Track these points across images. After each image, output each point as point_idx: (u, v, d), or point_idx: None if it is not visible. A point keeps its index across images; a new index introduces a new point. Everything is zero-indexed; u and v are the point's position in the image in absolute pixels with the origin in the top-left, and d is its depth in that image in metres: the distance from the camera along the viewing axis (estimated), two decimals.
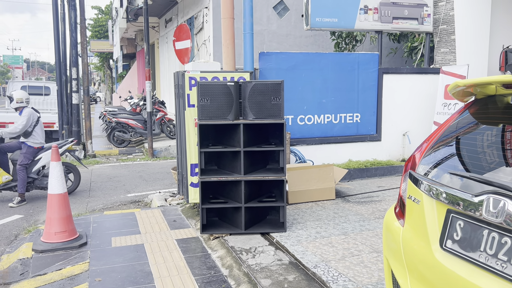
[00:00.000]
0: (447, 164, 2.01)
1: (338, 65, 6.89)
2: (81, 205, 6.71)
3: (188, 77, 5.37)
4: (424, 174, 2.08)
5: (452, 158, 2.02)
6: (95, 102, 37.59)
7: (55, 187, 4.59)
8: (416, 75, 7.58)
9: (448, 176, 1.93)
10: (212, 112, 4.51)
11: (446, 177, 1.94)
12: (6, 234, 5.43)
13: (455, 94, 2.19)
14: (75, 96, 10.60)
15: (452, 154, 2.04)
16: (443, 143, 2.12)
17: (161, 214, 5.65)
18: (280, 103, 4.54)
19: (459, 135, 2.10)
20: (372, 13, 7.24)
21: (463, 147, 2.03)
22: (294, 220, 4.99)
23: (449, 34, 7.65)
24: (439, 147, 2.13)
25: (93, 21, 33.74)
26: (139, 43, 24.52)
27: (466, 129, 2.08)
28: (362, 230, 4.63)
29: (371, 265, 3.74)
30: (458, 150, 2.03)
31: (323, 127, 6.94)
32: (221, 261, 4.12)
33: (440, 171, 2.01)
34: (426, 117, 7.64)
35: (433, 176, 2.02)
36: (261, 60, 6.40)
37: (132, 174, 9.05)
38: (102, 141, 14.00)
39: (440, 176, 1.98)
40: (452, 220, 1.84)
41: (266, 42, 12.20)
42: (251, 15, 6.07)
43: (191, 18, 13.56)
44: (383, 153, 7.44)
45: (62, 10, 11.33)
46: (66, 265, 4.14)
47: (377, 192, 6.22)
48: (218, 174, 4.69)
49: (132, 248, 4.50)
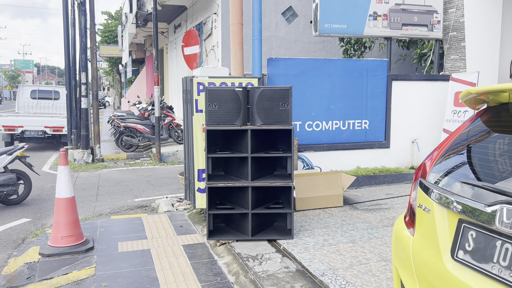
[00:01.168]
0: (458, 173, 1.97)
1: (347, 71, 6.86)
2: (89, 209, 6.72)
3: (196, 82, 5.37)
4: (435, 183, 2.05)
5: (463, 167, 1.98)
6: (103, 106, 37.86)
7: (63, 191, 4.59)
8: (425, 82, 7.53)
9: (460, 185, 1.89)
10: (220, 117, 4.50)
11: (457, 186, 1.91)
12: (14, 238, 5.45)
13: (467, 101, 2.16)
14: (84, 101, 10.66)
15: (463, 162, 2.01)
16: (454, 151, 2.09)
17: (167, 220, 5.64)
18: (288, 109, 4.52)
19: (470, 143, 2.06)
20: (381, 19, 7.21)
21: (475, 156, 1.99)
22: (301, 227, 4.95)
23: (459, 41, 7.59)
24: (450, 155, 2.09)
25: (102, 26, 34.05)
26: (148, 48, 24.68)
27: (478, 137, 2.04)
28: (370, 238, 4.58)
29: (380, 274, 3.69)
30: (470, 159, 1.99)
31: (331, 133, 6.90)
32: (227, 268, 4.09)
33: (451, 180, 1.97)
34: (435, 124, 7.58)
35: (444, 184, 1.99)
36: (270, 66, 6.39)
37: (139, 178, 9.07)
38: (110, 145, 14.06)
39: (451, 184, 1.95)
40: (464, 230, 1.80)
41: (275, 48, 12.22)
42: (260, 21, 6.07)
43: (200, 23, 13.62)
44: (391, 160, 7.38)
45: (72, 15, 11.44)
46: (72, 269, 4.13)
47: (385, 199, 6.16)
48: (225, 179, 4.67)
49: (138, 253, 4.49)
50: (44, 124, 13.04)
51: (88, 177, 9.26)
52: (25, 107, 14.97)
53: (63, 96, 14.64)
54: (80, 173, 9.64)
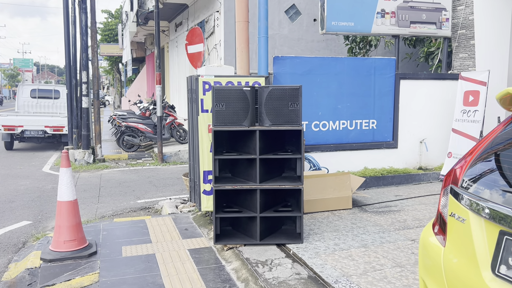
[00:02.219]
0: (495, 180, 1.83)
1: (354, 70, 6.71)
2: (91, 211, 6.57)
3: (201, 81, 5.22)
4: (469, 190, 1.90)
5: (501, 173, 1.83)
6: (104, 105, 37.69)
7: (65, 194, 4.44)
8: (434, 80, 7.38)
9: (499, 193, 1.74)
10: (227, 118, 4.36)
11: (496, 194, 1.76)
12: (14, 241, 5.30)
13: (503, 101, 2.01)
14: (84, 100, 10.50)
15: (501, 168, 1.86)
16: (490, 157, 1.94)
17: (172, 222, 5.49)
18: (298, 109, 4.37)
19: (506, 147, 1.91)
20: (389, 17, 7.05)
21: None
22: (310, 231, 4.81)
23: (468, 39, 7.44)
24: (485, 160, 1.94)
25: (103, 25, 33.82)
26: (149, 47, 24.51)
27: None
28: (382, 242, 4.43)
29: (395, 280, 3.54)
30: (509, 164, 1.84)
31: (338, 133, 6.75)
32: (236, 274, 3.94)
33: (488, 187, 1.82)
34: (444, 124, 7.43)
35: (480, 192, 1.84)
36: (276, 64, 6.24)
37: (141, 179, 8.92)
38: (111, 145, 13.90)
39: (488, 192, 1.80)
40: (506, 243, 1.65)
41: (278, 47, 12.05)
42: (266, 18, 5.91)
43: (201, 22, 13.46)
44: (399, 160, 7.23)
45: (73, 13, 11.29)
46: (75, 275, 3.98)
47: (395, 201, 6.01)
48: (233, 182, 4.52)
49: (143, 258, 4.34)
50: (44, 124, 12.89)
51: (89, 177, 9.11)
52: (25, 107, 14.82)
53: (63, 95, 14.48)
54: (81, 174, 9.49)
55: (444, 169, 7.12)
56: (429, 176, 7.18)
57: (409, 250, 4.20)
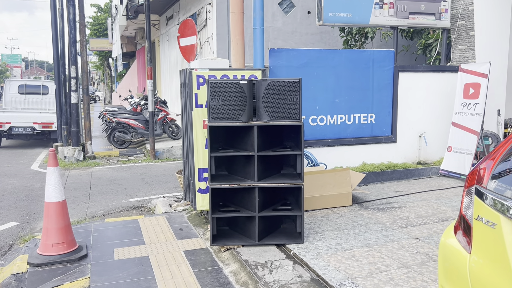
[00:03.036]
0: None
1: (352, 62, 6.51)
2: (81, 211, 6.34)
3: (196, 75, 4.99)
4: (499, 192, 1.71)
5: None
6: (94, 101, 37.18)
7: (52, 194, 4.21)
8: (433, 73, 7.21)
9: None
10: (223, 113, 4.14)
11: None
12: (0, 244, 5.06)
13: None
14: (74, 96, 10.20)
15: None
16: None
17: (166, 222, 5.28)
18: (297, 103, 4.17)
19: None
20: (388, 7, 6.86)
21: None
22: (310, 230, 4.62)
23: (467, 30, 7.27)
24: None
25: (92, 19, 33.29)
26: (139, 41, 24.13)
27: None
28: (386, 241, 4.26)
29: (403, 283, 3.37)
30: None
31: (336, 128, 6.56)
32: (234, 277, 3.75)
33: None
34: (443, 117, 7.27)
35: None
36: (272, 57, 6.02)
37: (133, 176, 8.68)
38: (102, 141, 13.61)
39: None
40: None
41: (271, 40, 11.83)
42: (262, 9, 5.69)
43: (193, 15, 13.18)
44: (398, 155, 7.07)
45: (60, 6, 10.96)
46: (64, 280, 3.76)
47: (395, 197, 5.85)
48: (229, 180, 4.31)
49: (136, 261, 4.13)
50: (33, 120, 12.57)
51: (80, 175, 8.85)
52: (13, 103, 14.45)
53: (52, 91, 14.12)
54: (71, 171, 9.22)
55: (444, 164, 6.97)
56: (429, 170, 7.03)
57: (414, 250, 4.03)
